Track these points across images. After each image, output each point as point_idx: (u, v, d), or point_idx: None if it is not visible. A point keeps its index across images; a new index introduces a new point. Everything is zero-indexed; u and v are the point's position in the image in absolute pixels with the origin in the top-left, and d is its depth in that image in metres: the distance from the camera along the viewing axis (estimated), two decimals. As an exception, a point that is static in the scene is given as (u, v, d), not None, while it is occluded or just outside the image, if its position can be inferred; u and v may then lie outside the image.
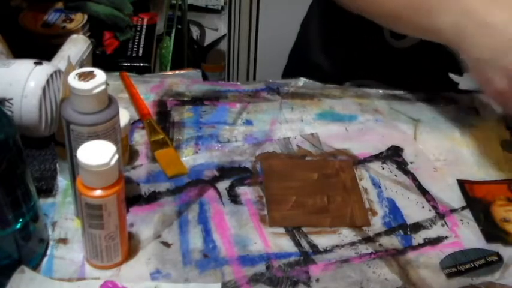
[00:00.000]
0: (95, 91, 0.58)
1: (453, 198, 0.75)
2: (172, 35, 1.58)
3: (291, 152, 0.79)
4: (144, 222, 0.69)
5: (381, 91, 0.89)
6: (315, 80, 0.90)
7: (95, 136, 0.60)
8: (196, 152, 0.78)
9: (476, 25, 0.69)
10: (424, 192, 0.75)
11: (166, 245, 0.67)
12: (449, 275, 0.66)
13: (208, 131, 0.81)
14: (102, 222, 0.60)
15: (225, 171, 0.76)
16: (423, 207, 0.73)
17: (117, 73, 0.88)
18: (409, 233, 0.71)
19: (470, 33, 0.70)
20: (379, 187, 0.75)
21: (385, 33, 0.90)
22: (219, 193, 0.73)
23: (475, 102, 0.89)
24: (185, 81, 0.89)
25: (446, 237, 0.70)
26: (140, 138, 0.79)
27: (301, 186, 0.74)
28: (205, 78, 1.16)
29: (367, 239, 0.69)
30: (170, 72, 0.93)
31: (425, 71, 0.91)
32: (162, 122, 0.82)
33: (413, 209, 0.73)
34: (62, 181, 0.72)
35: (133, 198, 0.71)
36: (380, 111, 0.86)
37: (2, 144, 0.56)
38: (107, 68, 0.65)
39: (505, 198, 0.75)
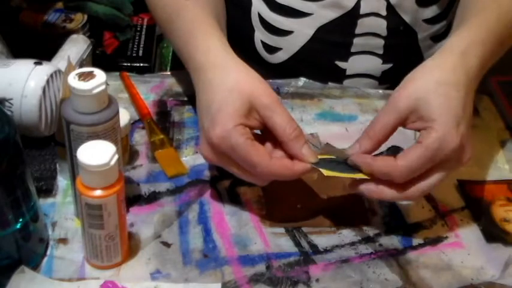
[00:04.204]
0: (95, 91, 0.59)
1: (453, 198, 0.75)
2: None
3: (291, 152, 0.79)
4: (144, 222, 0.69)
5: (381, 91, 0.89)
6: None
7: (95, 136, 0.60)
8: (196, 152, 0.78)
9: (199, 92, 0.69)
10: (424, 192, 0.75)
11: (166, 245, 0.67)
12: None
13: (208, 131, 0.81)
14: (102, 222, 0.60)
15: (225, 171, 0.75)
16: (423, 207, 0.73)
17: (117, 73, 0.88)
18: (409, 233, 0.70)
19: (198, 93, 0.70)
20: (379, 187, 0.75)
21: (257, 47, 0.91)
22: (219, 193, 0.73)
23: (475, 102, 0.89)
24: (185, 81, 0.89)
25: (446, 237, 0.70)
26: (140, 138, 0.79)
27: (301, 186, 0.74)
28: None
29: (367, 239, 0.69)
30: (170, 72, 0.93)
31: None
32: (162, 122, 0.82)
33: (413, 209, 0.73)
34: (62, 181, 0.72)
35: (133, 198, 0.71)
36: (380, 111, 0.86)
37: (2, 144, 0.56)
38: (107, 68, 0.65)
39: (505, 198, 0.75)
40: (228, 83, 0.66)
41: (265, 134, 0.67)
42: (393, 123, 0.66)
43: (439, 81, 0.65)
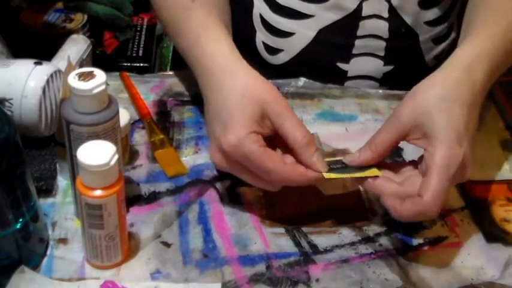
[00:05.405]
0: (95, 91, 0.59)
1: (453, 198, 0.75)
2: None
3: (291, 152, 0.79)
4: (144, 222, 0.69)
5: (381, 91, 0.89)
6: None
7: (95, 136, 0.60)
8: (196, 152, 0.78)
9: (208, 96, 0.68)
10: (424, 192, 0.75)
11: (166, 245, 0.67)
12: None
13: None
14: (102, 222, 0.60)
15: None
16: (423, 207, 0.73)
17: (117, 73, 0.88)
18: (409, 233, 0.70)
19: (205, 98, 0.69)
20: (379, 187, 0.75)
21: (258, 48, 0.91)
22: (219, 193, 0.73)
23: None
24: (185, 81, 0.89)
25: (446, 237, 0.70)
26: (140, 138, 0.79)
27: (301, 186, 0.74)
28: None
29: (367, 239, 0.69)
30: (170, 72, 0.93)
31: None
32: (162, 122, 0.82)
33: (413, 209, 0.73)
34: (62, 181, 0.72)
35: (133, 198, 0.71)
36: (380, 111, 0.86)
37: (2, 144, 0.56)
38: (107, 68, 0.65)
39: (505, 198, 0.75)
40: (238, 87, 0.65)
41: (274, 139, 0.67)
42: (395, 137, 0.66)
43: (442, 96, 0.64)
